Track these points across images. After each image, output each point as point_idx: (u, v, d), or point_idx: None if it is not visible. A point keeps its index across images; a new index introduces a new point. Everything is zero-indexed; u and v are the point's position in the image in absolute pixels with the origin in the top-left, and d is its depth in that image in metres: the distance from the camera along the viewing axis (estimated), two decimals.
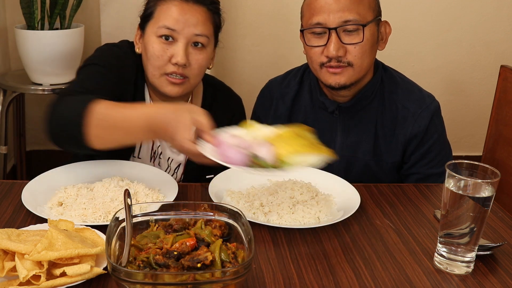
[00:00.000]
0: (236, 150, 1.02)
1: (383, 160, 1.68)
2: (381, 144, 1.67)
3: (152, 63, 1.54)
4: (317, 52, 1.56)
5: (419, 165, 1.67)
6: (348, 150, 1.68)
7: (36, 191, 1.37)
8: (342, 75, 1.55)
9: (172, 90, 1.56)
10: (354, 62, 1.54)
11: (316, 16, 1.53)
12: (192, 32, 1.52)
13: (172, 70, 1.53)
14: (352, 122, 1.68)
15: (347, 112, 1.67)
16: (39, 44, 2.38)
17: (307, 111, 1.75)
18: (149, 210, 1.16)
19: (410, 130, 1.64)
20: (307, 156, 1.07)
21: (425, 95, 1.69)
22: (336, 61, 1.54)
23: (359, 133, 1.68)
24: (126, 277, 0.91)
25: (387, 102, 1.67)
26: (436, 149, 1.66)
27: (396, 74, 1.73)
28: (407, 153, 1.67)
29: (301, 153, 1.06)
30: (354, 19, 1.50)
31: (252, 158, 1.03)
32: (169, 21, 1.52)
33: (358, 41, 1.52)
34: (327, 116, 1.70)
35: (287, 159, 1.05)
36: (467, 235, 1.10)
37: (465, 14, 3.15)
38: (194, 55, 1.55)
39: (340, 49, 1.52)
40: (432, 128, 1.65)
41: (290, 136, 1.10)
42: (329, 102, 1.67)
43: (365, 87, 1.64)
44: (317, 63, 1.57)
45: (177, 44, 1.52)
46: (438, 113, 1.68)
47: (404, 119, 1.65)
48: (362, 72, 1.58)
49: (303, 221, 1.31)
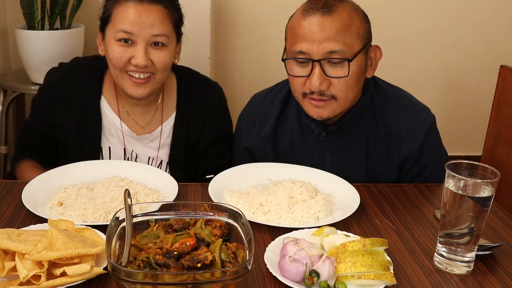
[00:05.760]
0: (294, 266, 1.04)
1: (378, 179, 1.61)
2: (375, 164, 1.61)
3: (113, 64, 1.57)
4: (299, 83, 1.47)
5: (415, 182, 1.61)
6: (339, 171, 1.56)
7: (36, 191, 1.37)
8: (325, 108, 1.48)
9: (137, 91, 1.58)
10: (338, 96, 1.46)
11: (299, 43, 1.44)
12: (150, 33, 1.53)
13: (134, 68, 1.54)
14: (341, 143, 1.60)
15: (336, 133, 1.60)
16: (39, 44, 2.38)
17: (294, 131, 1.65)
18: (149, 210, 1.16)
19: (405, 150, 1.57)
20: (366, 282, 1.05)
21: (419, 109, 1.60)
22: (319, 94, 1.45)
23: (350, 154, 1.61)
24: (126, 277, 0.91)
25: (379, 120, 1.58)
26: (432, 165, 1.60)
27: (389, 88, 1.64)
28: (402, 171, 1.62)
29: (361, 274, 1.04)
30: (340, 50, 1.41)
31: (309, 275, 1.04)
32: (125, 25, 1.52)
33: (343, 75, 1.42)
34: (316, 138, 1.62)
35: (345, 281, 1.04)
36: (467, 235, 1.10)
37: (465, 14, 3.15)
38: (155, 54, 1.55)
39: (323, 83, 1.43)
40: (428, 145, 1.58)
41: (357, 251, 1.08)
42: (315, 125, 1.59)
43: (353, 109, 1.55)
44: (299, 93, 1.50)
45: (137, 47, 1.53)
46: (433, 128, 1.60)
47: (398, 138, 1.57)
48: (346, 105, 1.50)
49: (303, 221, 1.31)
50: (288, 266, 1.04)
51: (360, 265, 1.04)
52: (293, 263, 1.04)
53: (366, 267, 1.04)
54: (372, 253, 1.07)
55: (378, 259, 1.06)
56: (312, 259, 1.06)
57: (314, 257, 1.07)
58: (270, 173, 1.55)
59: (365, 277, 1.04)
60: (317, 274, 1.04)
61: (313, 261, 1.06)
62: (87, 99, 1.67)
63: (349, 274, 1.04)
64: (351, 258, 1.06)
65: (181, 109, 1.72)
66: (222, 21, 3.03)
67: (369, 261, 1.05)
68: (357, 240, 1.10)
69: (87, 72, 1.68)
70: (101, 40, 1.63)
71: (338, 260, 1.07)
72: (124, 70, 1.56)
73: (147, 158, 1.73)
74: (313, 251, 1.09)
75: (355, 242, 1.09)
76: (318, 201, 1.36)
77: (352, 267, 1.04)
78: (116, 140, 1.70)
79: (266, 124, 1.68)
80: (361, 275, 1.04)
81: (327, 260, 1.05)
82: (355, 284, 1.05)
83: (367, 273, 1.04)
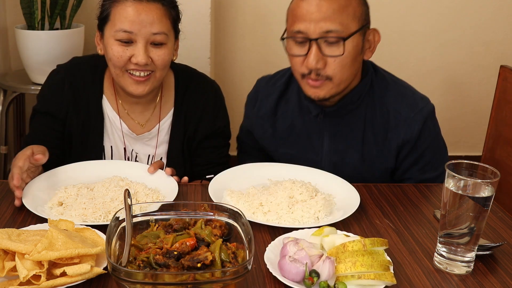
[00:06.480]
0: (294, 266, 1.04)
1: (374, 166, 1.64)
2: (372, 150, 1.63)
3: (113, 64, 1.56)
4: (298, 62, 1.52)
5: (412, 170, 1.64)
6: (336, 156, 1.64)
7: (36, 191, 1.37)
8: (321, 88, 1.52)
9: (137, 89, 1.58)
10: (333, 76, 1.49)
11: (297, 23, 1.48)
12: (149, 32, 1.53)
13: (134, 67, 1.55)
14: (339, 127, 1.64)
15: (333, 117, 1.63)
16: (39, 44, 2.38)
17: (295, 114, 1.70)
18: (149, 210, 1.16)
19: (402, 135, 1.59)
20: (366, 282, 1.05)
21: (418, 98, 1.63)
22: (315, 74, 1.49)
23: (347, 138, 1.64)
24: (126, 277, 0.91)
25: (378, 107, 1.61)
26: (429, 154, 1.62)
27: (389, 76, 1.67)
28: (399, 158, 1.63)
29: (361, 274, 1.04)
30: (335, 29, 1.45)
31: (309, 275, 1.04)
32: (125, 24, 1.52)
33: (338, 54, 1.47)
34: (314, 120, 1.66)
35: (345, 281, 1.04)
36: (467, 235, 1.10)
37: (465, 14, 3.15)
38: (155, 52, 1.56)
39: (319, 61, 1.47)
40: (426, 133, 1.60)
41: (357, 251, 1.08)
42: (313, 106, 1.63)
43: (351, 92, 1.59)
44: (298, 73, 1.54)
45: (137, 45, 1.53)
46: (432, 116, 1.62)
47: (396, 124, 1.60)
48: (342, 85, 1.53)
49: (303, 221, 1.31)
50: (288, 266, 1.05)
51: (360, 265, 1.04)
52: (293, 263, 1.04)
53: (366, 267, 1.04)
54: (372, 253, 1.07)
55: (378, 259, 1.07)
56: (312, 259, 1.06)
57: (314, 257, 1.07)
58: (270, 173, 1.55)
59: (365, 277, 1.04)
60: (317, 274, 1.04)
61: (313, 261, 1.06)
62: (89, 99, 1.67)
63: (349, 274, 1.04)
64: (351, 258, 1.06)
65: (179, 106, 1.72)
66: (222, 21, 3.03)
67: (369, 261, 1.05)
68: (357, 240, 1.10)
69: (88, 72, 1.68)
70: (99, 39, 1.63)
71: (338, 260, 1.07)
72: (124, 69, 1.56)
73: (146, 156, 1.73)
74: (313, 251, 1.09)
75: (355, 242, 1.09)
76: (318, 201, 1.36)
77: (352, 267, 1.04)
78: (117, 139, 1.71)
79: (266, 103, 1.74)
80: (361, 275, 1.04)
81: (327, 260, 1.05)
82: (355, 284, 1.05)
83: (367, 273, 1.04)
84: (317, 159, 1.67)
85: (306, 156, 1.68)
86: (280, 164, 1.61)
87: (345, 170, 1.63)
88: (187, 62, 1.83)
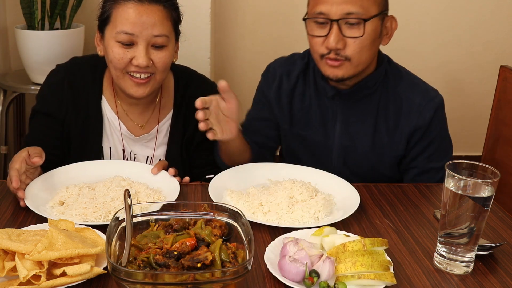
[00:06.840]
0: (294, 266, 1.04)
1: (384, 153, 1.68)
2: (383, 137, 1.67)
3: (114, 65, 1.56)
4: (318, 42, 1.56)
5: (419, 159, 1.67)
6: (346, 140, 1.69)
7: (38, 190, 1.37)
8: (339, 68, 1.56)
9: (137, 91, 1.58)
10: (352, 56, 1.54)
11: (319, 5, 1.53)
12: (150, 34, 1.52)
13: (135, 69, 1.54)
14: (352, 112, 1.68)
15: (347, 100, 1.67)
16: (39, 44, 2.38)
17: (311, 96, 1.73)
18: (150, 210, 1.16)
19: (414, 122, 1.64)
20: (366, 282, 1.04)
21: (430, 88, 1.70)
22: (334, 53, 1.54)
23: (359, 124, 1.68)
24: (126, 277, 0.91)
25: (391, 95, 1.67)
26: (437, 142, 1.67)
27: (402, 68, 1.75)
28: (409, 146, 1.67)
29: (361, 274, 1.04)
30: (356, 12, 1.50)
31: (309, 275, 1.04)
32: (126, 26, 1.51)
33: (358, 35, 1.52)
34: (329, 102, 1.70)
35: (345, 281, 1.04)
36: (467, 235, 1.11)
37: (465, 14, 3.15)
38: (156, 54, 1.55)
39: (340, 42, 1.52)
40: (436, 121, 1.66)
41: (357, 251, 1.08)
42: (329, 87, 1.67)
43: (367, 78, 1.64)
44: (317, 54, 1.58)
45: (138, 47, 1.53)
46: (442, 107, 1.69)
47: (409, 111, 1.65)
48: (360, 67, 1.58)
49: (303, 221, 1.31)
50: (288, 266, 1.05)
51: (360, 265, 1.04)
52: (293, 263, 1.05)
53: (366, 267, 1.04)
54: (372, 253, 1.07)
55: (378, 259, 1.07)
56: (312, 259, 1.06)
57: (314, 257, 1.07)
58: (270, 173, 1.55)
59: (365, 277, 1.04)
60: (317, 274, 1.04)
61: (313, 261, 1.06)
62: (89, 99, 1.67)
63: (349, 274, 1.04)
64: (351, 258, 1.06)
65: (178, 107, 1.72)
66: (222, 21, 3.03)
67: (369, 261, 1.05)
68: (357, 240, 1.10)
69: (88, 72, 1.68)
70: (99, 40, 1.62)
71: (338, 260, 1.07)
72: (125, 71, 1.55)
73: (145, 158, 1.73)
74: (313, 251, 1.09)
75: (355, 242, 1.09)
76: (318, 201, 1.36)
77: (352, 267, 1.04)
78: (116, 141, 1.71)
79: (287, 80, 1.76)
80: (361, 275, 1.04)
81: (327, 260, 1.05)
82: (355, 284, 1.05)
83: (367, 273, 1.04)
84: (329, 142, 1.70)
85: (317, 138, 1.71)
86: (280, 164, 1.61)
87: (355, 155, 1.68)
88: (187, 62, 1.83)
